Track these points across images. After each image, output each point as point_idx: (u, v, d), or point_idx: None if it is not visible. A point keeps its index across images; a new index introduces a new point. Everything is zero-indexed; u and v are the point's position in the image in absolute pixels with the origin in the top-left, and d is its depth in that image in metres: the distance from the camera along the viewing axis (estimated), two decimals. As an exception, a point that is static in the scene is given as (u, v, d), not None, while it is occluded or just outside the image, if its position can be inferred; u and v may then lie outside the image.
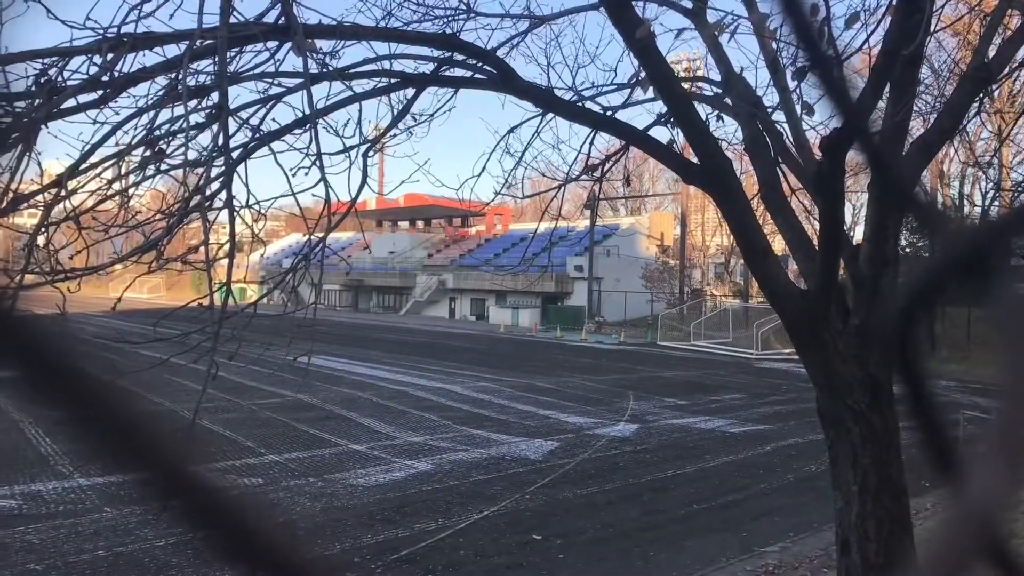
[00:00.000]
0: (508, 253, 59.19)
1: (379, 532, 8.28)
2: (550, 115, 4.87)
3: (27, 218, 4.53)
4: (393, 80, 3.78)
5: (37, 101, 2.77)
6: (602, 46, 6.29)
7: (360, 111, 3.48)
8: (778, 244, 5.29)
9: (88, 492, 9.30)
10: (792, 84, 4.26)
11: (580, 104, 4.64)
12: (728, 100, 4.71)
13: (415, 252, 68.81)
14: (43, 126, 2.78)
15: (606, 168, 5.84)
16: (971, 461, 0.42)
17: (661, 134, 4.69)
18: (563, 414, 16.36)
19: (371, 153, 3.76)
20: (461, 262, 63.22)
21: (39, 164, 3.07)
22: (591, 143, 5.31)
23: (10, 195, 2.84)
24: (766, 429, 15.31)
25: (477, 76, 3.96)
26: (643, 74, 4.03)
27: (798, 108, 4.38)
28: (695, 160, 3.88)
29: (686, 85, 5.04)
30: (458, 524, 8.61)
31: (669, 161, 4.23)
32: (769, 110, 4.50)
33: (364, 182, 3.36)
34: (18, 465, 10.45)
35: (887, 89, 3.60)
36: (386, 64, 3.68)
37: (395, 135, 4.10)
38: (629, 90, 4.95)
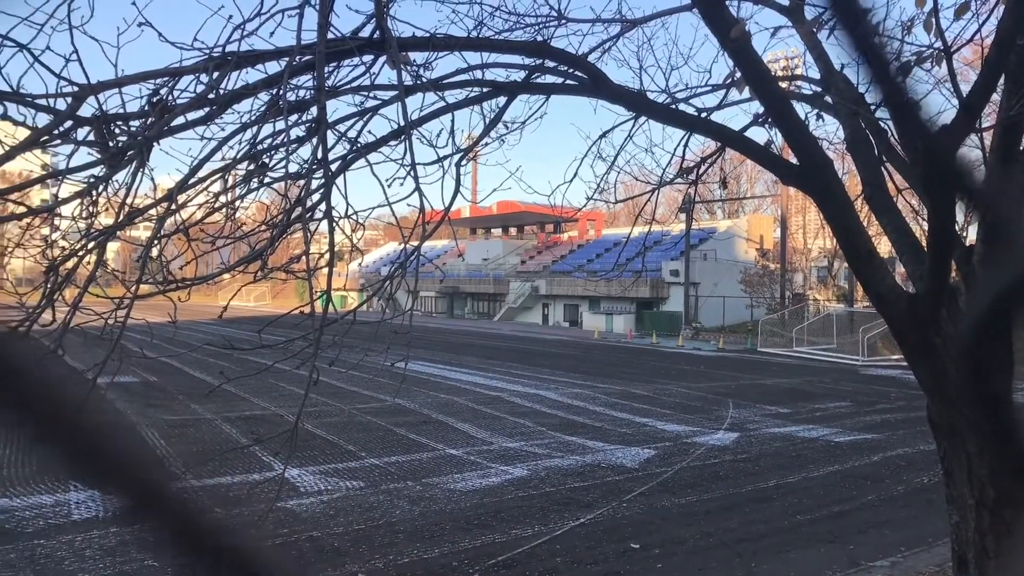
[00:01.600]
0: (601, 258, 58.91)
1: (476, 537, 8.34)
2: (642, 118, 4.83)
3: (142, 231, 4.78)
4: (485, 89, 3.81)
5: (150, 120, 2.92)
6: (696, 47, 6.18)
7: (453, 121, 3.53)
8: (884, 246, 5.08)
9: (200, 493, 9.71)
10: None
11: (673, 106, 4.58)
12: (828, 98, 4.56)
13: (508, 258, 69.27)
14: (155, 143, 2.93)
15: (701, 170, 5.74)
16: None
17: (758, 135, 4.59)
18: (660, 422, 16.14)
19: (464, 162, 3.80)
20: (554, 268, 63.26)
21: (152, 180, 3.23)
22: (685, 145, 5.24)
23: (127, 209, 3.00)
24: (874, 438, 14.71)
25: (568, 82, 3.96)
26: (738, 74, 3.95)
27: (904, 104, 4.20)
28: (794, 161, 3.77)
29: (784, 84, 4.90)
30: (554, 531, 8.59)
31: (767, 162, 4.12)
32: (872, 107, 4.33)
33: (457, 191, 3.41)
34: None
35: (1001, 82, 3.41)
36: (478, 74, 3.72)
37: (487, 143, 4.14)
38: (724, 91, 4.85)
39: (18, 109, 2.71)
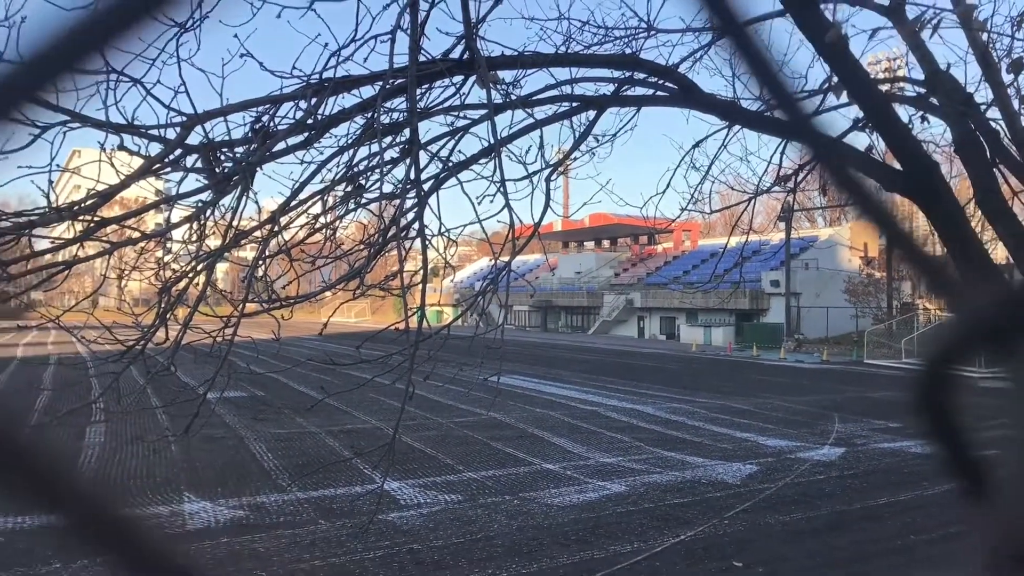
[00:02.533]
0: (698, 270, 57.91)
1: (574, 552, 8.29)
2: (736, 127, 4.74)
3: (248, 252, 4.99)
4: (574, 104, 3.83)
5: (253, 146, 3.06)
6: (790, 52, 6.02)
7: (541, 136, 3.56)
8: (1000, 252, 4.82)
9: (305, 505, 9.99)
10: (1008, 78, 3.89)
11: (767, 114, 4.48)
12: (934, 100, 4.38)
13: (601, 271, 68.91)
14: (259, 168, 3.06)
15: (800, 178, 5.59)
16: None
17: (859, 140, 4.44)
18: (762, 437, 15.70)
19: (554, 177, 3.82)
20: (649, 280, 62.55)
21: (257, 203, 3.37)
22: (782, 153, 5.12)
23: (233, 232, 3.15)
24: (994, 455, 13.90)
25: (659, 93, 3.93)
26: (835, 79, 3.84)
27: (1015, 103, 3.99)
28: (897, 166, 3.63)
29: (885, 87, 4.74)
30: (654, 548, 8.46)
31: (868, 169, 3.98)
32: (982, 107, 4.13)
33: (547, 205, 3.42)
34: (245, 479, 11.43)
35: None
36: (567, 88, 3.73)
37: (577, 157, 4.15)
38: (821, 96, 4.72)
39: (133, 140, 2.89)
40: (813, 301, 47.54)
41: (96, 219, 2.77)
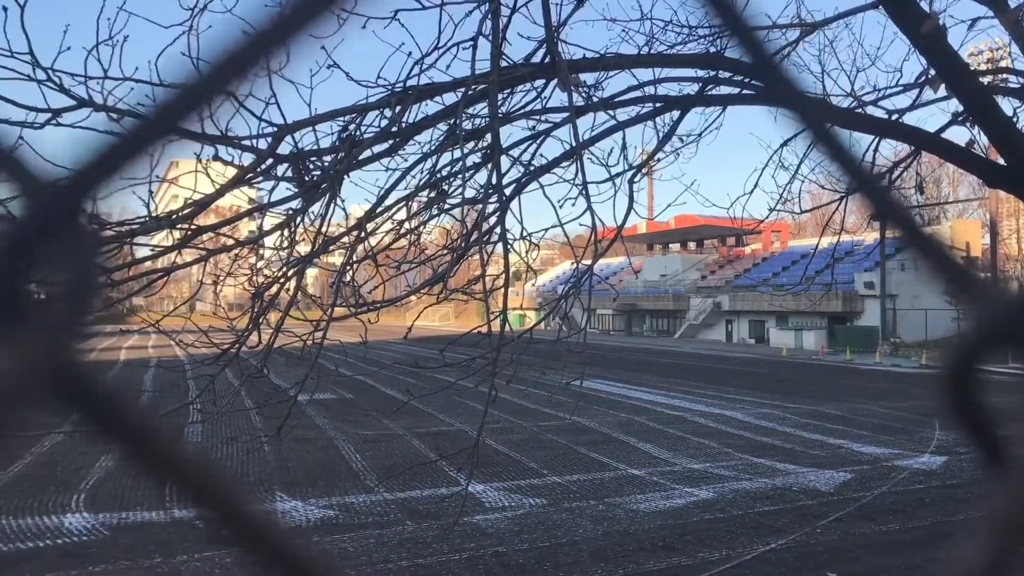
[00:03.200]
0: (788, 271, 56.37)
1: (661, 559, 8.18)
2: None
3: (336, 258, 5.11)
4: (658, 104, 3.78)
5: (340, 154, 3.13)
6: (883, 46, 5.81)
7: (624, 138, 3.54)
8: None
9: (392, 506, 10.17)
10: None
11: (859, 110, 4.34)
12: (1041, 89, 4.16)
13: (687, 274, 67.83)
14: (346, 176, 3.14)
15: (895, 175, 5.38)
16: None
17: (958, 135, 4.25)
18: (856, 443, 15.17)
19: (637, 178, 3.78)
20: (737, 283, 61.24)
21: (344, 210, 3.46)
22: (875, 150, 4.94)
23: (321, 238, 3.23)
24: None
25: (745, 92, 3.85)
26: (932, 72, 3.68)
27: None
28: (1001, 161, 3.46)
29: (986, 79, 4.52)
30: (743, 556, 8.27)
31: (969, 165, 3.81)
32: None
33: (630, 208, 3.40)
34: (334, 479, 11.71)
35: None
36: (650, 89, 3.70)
37: (661, 158, 4.10)
38: (917, 90, 4.54)
39: (227, 150, 3.00)
40: (910, 303, 45.66)
41: (192, 227, 2.88)
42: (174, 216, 2.81)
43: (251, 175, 2.93)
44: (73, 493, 10.41)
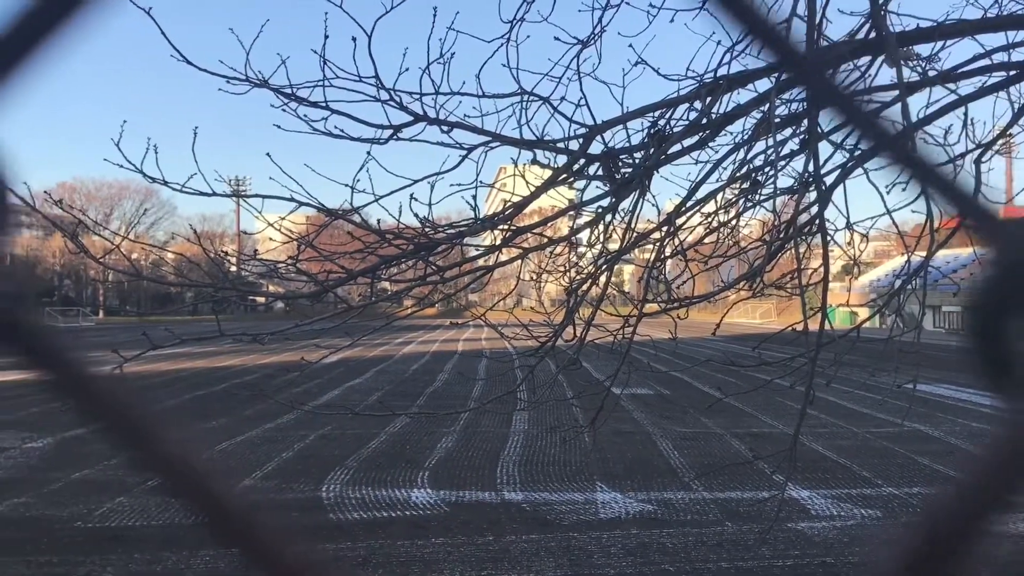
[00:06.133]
0: None
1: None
2: None
3: (650, 254, 5.15)
4: (1011, 73, 3.31)
5: (650, 150, 3.15)
6: None
7: (966, 113, 3.14)
8: None
9: (711, 505, 10.01)
10: None
11: None
12: None
13: (1060, 266, 58.41)
14: (655, 172, 3.15)
15: None
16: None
17: None
18: None
19: (987, 158, 3.35)
20: None
21: (656, 205, 3.48)
22: None
23: (632, 234, 3.28)
24: None
25: None
26: None
27: None
28: None
29: None
30: None
31: None
32: None
33: (978, 191, 3.01)
34: (652, 474, 11.80)
35: None
36: (1000, 57, 3.24)
37: (1014, 134, 3.58)
38: None
39: (543, 154, 3.16)
40: None
41: (513, 228, 3.08)
42: (496, 217, 3.02)
43: (564, 175, 3.06)
44: (419, 470, 11.60)
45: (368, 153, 3.10)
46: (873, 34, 2.82)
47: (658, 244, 3.12)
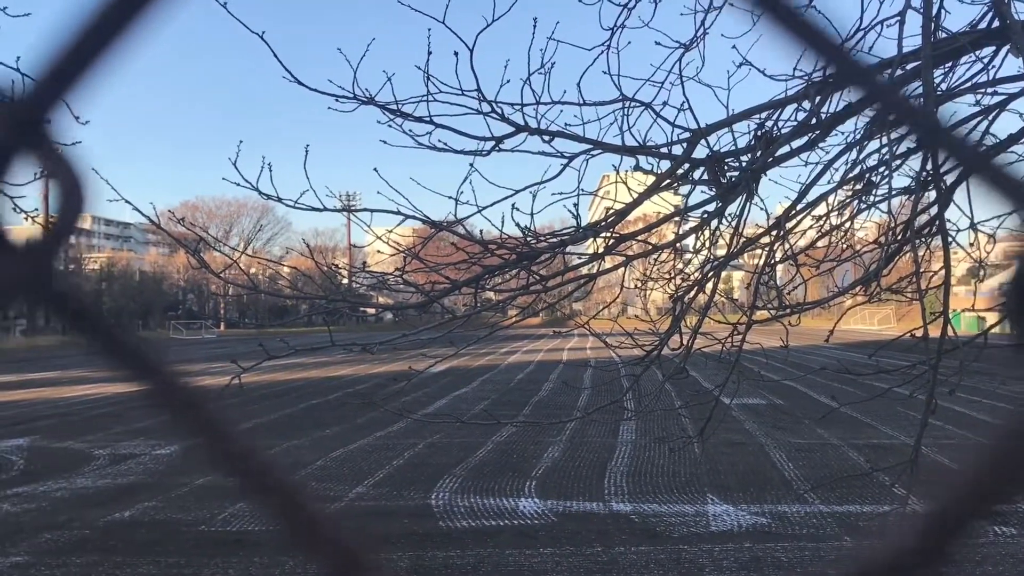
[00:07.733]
0: None
1: None
2: None
3: (760, 260, 5.01)
4: None
5: (757, 153, 3.07)
6: None
7: (1106, 102, 2.92)
8: None
9: (828, 519, 9.63)
10: None
11: None
12: None
13: None
14: (763, 174, 3.07)
15: None
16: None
17: None
18: None
19: None
20: None
21: (764, 209, 3.39)
22: None
23: (739, 239, 3.21)
24: None
25: None
26: None
27: None
28: None
29: None
30: None
31: None
32: None
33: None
34: (765, 486, 11.45)
35: None
36: None
37: None
38: None
39: (646, 160, 3.13)
40: None
41: (616, 235, 3.06)
42: (598, 225, 3.01)
43: (668, 181, 3.02)
44: (526, 480, 11.63)
45: (471, 165, 3.16)
46: (997, 22, 2.67)
47: (767, 249, 3.04)
